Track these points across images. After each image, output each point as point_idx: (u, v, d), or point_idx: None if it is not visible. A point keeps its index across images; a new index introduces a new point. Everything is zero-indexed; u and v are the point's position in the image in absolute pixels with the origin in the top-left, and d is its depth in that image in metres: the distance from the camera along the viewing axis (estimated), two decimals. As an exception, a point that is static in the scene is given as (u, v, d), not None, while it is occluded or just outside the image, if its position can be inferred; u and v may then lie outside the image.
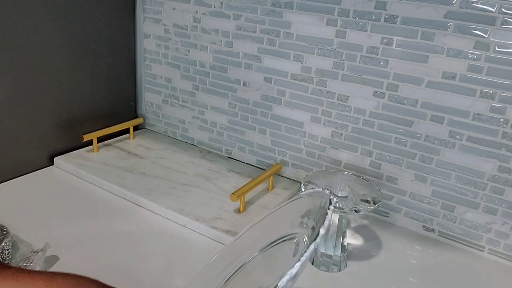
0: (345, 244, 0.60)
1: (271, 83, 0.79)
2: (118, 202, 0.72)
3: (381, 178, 0.72)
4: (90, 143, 0.86)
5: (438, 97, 0.64)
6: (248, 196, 0.71)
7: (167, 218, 0.68)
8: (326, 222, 0.48)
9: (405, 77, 0.66)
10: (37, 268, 0.52)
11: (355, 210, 0.55)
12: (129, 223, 0.66)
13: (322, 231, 0.48)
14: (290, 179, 0.82)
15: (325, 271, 0.59)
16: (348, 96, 0.71)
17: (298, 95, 0.76)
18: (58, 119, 0.81)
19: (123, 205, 0.71)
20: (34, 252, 0.53)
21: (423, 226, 0.71)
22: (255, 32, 0.77)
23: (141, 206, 0.71)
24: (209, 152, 0.92)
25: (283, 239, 0.51)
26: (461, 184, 0.66)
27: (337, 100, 0.73)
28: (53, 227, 0.63)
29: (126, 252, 0.59)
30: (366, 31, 0.67)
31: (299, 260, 0.42)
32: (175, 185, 0.76)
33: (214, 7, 0.81)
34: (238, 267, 0.51)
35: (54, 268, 0.54)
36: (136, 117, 1.00)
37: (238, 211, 0.69)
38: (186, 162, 0.86)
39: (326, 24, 0.70)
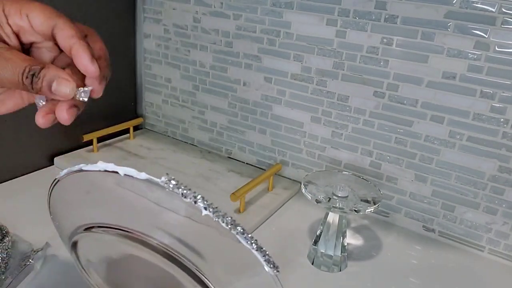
0: (345, 244, 0.60)
1: (271, 83, 0.79)
2: (118, 202, 0.71)
3: (381, 178, 0.72)
4: (90, 143, 0.86)
5: (438, 97, 0.64)
6: (248, 196, 0.71)
7: (167, 218, 0.68)
8: None
9: (405, 77, 0.66)
10: (37, 268, 0.52)
11: (355, 210, 0.55)
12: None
13: None
14: (290, 179, 0.82)
15: (325, 271, 0.59)
16: (348, 96, 0.71)
17: (298, 95, 0.76)
18: (58, 119, 0.81)
19: (123, 205, 0.71)
20: (34, 251, 0.53)
21: (423, 226, 0.71)
22: (255, 32, 0.78)
23: (141, 206, 0.71)
24: (209, 152, 0.92)
25: None
26: (461, 184, 0.66)
27: (337, 100, 0.73)
28: (53, 227, 0.63)
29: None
30: (366, 31, 0.67)
31: None
32: (175, 185, 0.76)
33: (214, 7, 0.81)
34: None
35: (53, 267, 0.54)
36: (136, 117, 1.00)
37: (238, 211, 0.69)
38: (186, 162, 0.86)
39: (326, 24, 0.70)
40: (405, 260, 0.64)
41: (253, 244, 0.28)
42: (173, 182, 0.28)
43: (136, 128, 0.98)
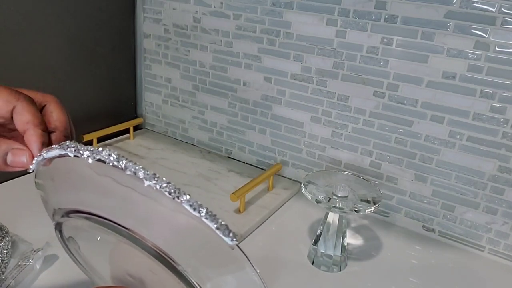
0: (345, 244, 0.60)
1: (271, 83, 0.79)
2: (118, 202, 0.71)
3: (381, 178, 0.72)
4: (90, 143, 0.86)
5: (438, 97, 0.64)
6: (248, 196, 0.71)
7: (167, 218, 0.68)
8: None
9: (405, 77, 0.66)
10: (37, 267, 0.52)
11: (355, 210, 0.55)
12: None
13: None
14: (290, 179, 0.82)
15: (325, 271, 0.59)
16: (348, 96, 0.71)
17: (298, 95, 0.76)
18: (58, 119, 0.81)
19: (123, 205, 0.71)
20: (34, 251, 0.53)
21: (423, 226, 0.71)
22: (255, 32, 0.78)
23: (141, 206, 0.71)
24: (209, 152, 0.92)
25: None
26: (461, 184, 0.66)
27: (337, 100, 0.73)
28: (53, 227, 0.63)
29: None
30: (366, 31, 0.67)
31: None
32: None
33: (214, 7, 0.81)
34: None
35: (54, 267, 0.54)
36: (136, 117, 1.00)
37: (238, 211, 0.69)
38: (186, 162, 0.86)
39: (326, 24, 0.70)
40: (405, 260, 0.64)
41: (202, 211, 0.24)
42: (113, 155, 0.26)
43: (136, 128, 0.98)
